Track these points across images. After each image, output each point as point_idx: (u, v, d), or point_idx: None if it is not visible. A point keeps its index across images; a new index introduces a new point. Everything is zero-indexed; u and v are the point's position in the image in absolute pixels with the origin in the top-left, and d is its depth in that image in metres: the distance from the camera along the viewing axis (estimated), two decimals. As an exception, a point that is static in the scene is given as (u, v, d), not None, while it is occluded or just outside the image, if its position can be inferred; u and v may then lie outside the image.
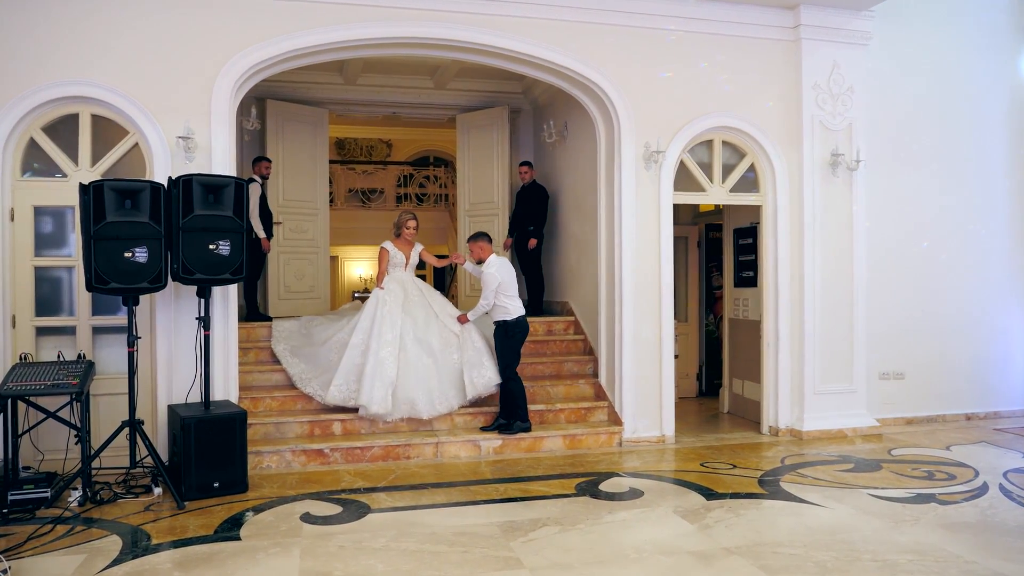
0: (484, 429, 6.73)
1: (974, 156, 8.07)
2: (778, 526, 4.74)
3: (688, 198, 7.32)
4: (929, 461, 6.34)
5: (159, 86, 5.91)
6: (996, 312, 8.16)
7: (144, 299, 5.77)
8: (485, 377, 6.74)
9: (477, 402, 6.94)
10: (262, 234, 7.90)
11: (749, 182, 7.42)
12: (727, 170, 7.35)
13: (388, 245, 7.07)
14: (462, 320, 6.93)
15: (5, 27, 5.68)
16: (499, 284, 6.70)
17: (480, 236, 6.94)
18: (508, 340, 6.71)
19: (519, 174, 8.89)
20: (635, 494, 5.40)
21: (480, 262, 6.83)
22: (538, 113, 9.67)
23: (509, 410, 6.69)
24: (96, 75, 5.81)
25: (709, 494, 5.38)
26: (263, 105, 8.76)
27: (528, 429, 6.71)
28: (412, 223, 7.13)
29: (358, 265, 17.11)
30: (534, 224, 8.62)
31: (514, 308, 6.75)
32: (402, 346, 6.65)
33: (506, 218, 9.31)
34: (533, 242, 8.52)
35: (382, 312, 6.73)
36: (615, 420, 7.02)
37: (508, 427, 6.67)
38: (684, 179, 7.23)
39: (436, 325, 6.89)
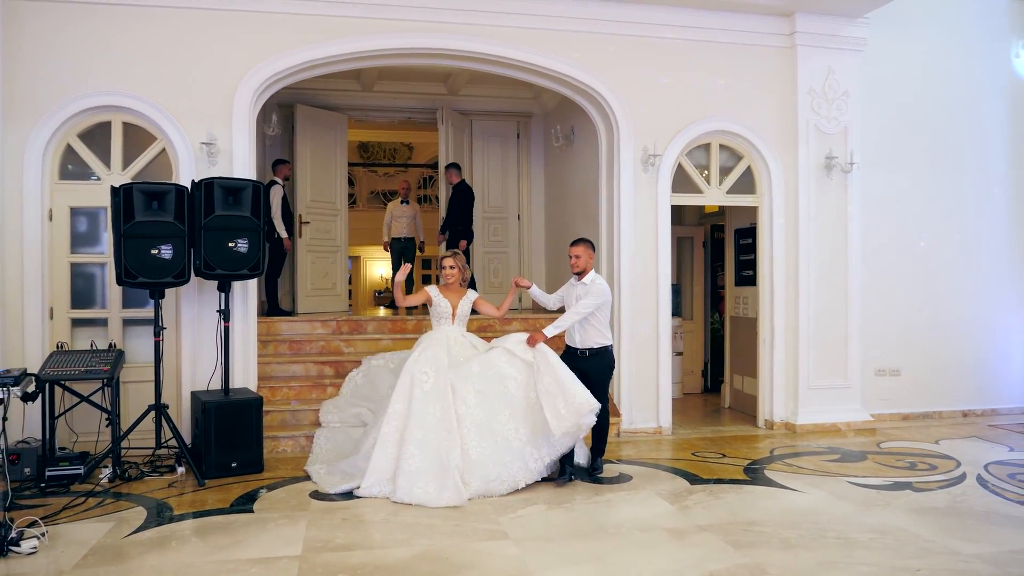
0: (558, 482, 5.51)
1: (972, 157, 8.25)
2: (753, 508, 5.03)
3: (686, 199, 7.61)
4: (915, 453, 6.56)
5: (184, 95, 6.37)
6: (994, 310, 8.32)
7: (170, 293, 6.22)
8: (576, 402, 5.19)
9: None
10: (284, 234, 8.37)
11: (746, 184, 7.67)
12: (724, 172, 7.62)
13: (432, 290, 5.87)
14: (535, 340, 5.47)
15: (44, 43, 6.17)
16: (605, 303, 5.67)
17: (587, 241, 5.84)
18: (611, 370, 5.93)
19: (446, 175, 9.17)
20: (624, 479, 5.71)
21: (581, 273, 5.73)
22: (547, 118, 10.01)
23: (599, 447, 5.86)
24: (127, 85, 6.28)
25: (694, 479, 5.68)
26: (290, 110, 9.19)
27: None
28: (447, 260, 5.86)
29: (380, 265, 17.57)
30: (463, 224, 8.82)
31: (610, 335, 5.84)
32: (462, 415, 5.34)
33: (516, 221, 9.68)
34: (463, 244, 8.72)
35: (422, 389, 5.34)
36: (613, 412, 7.30)
37: (594, 470, 5.76)
38: (682, 181, 7.51)
39: (499, 365, 5.49)
